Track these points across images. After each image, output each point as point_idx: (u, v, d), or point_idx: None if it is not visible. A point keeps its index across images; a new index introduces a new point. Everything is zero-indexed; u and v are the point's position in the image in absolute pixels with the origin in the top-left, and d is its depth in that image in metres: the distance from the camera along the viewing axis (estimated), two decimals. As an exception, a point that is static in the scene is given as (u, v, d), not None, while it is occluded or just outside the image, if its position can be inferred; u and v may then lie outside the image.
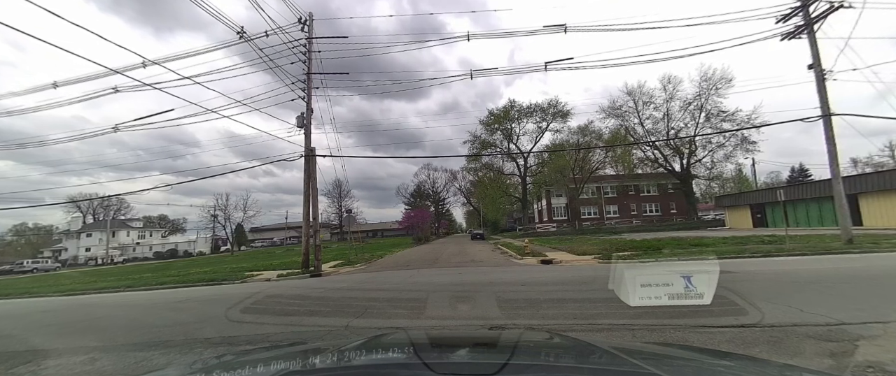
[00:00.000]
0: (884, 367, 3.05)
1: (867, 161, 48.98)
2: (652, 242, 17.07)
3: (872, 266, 8.94)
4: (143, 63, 12.05)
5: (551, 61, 16.69)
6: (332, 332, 5.36)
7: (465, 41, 18.00)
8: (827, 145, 13.89)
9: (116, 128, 16.44)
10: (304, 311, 7.13)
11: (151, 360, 4.52)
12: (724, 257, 11.37)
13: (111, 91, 15.40)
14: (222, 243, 73.75)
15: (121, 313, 8.89)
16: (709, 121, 38.07)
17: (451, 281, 10.38)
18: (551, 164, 41.67)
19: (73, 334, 6.60)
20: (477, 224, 61.60)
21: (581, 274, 10.14)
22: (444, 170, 68.24)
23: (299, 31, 16.17)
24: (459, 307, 6.87)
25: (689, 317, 4.64)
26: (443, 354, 1.47)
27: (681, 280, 3.28)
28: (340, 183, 63.37)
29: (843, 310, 4.77)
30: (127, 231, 73.59)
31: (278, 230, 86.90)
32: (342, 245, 45.92)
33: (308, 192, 15.89)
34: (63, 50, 8.63)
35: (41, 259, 57.57)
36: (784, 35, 14.45)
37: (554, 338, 1.97)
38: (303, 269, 15.11)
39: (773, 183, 56.56)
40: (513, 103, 42.31)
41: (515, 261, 15.61)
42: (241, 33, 13.98)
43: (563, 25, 15.34)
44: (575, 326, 4.94)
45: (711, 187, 47.55)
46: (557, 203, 53.44)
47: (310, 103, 16.34)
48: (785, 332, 4.12)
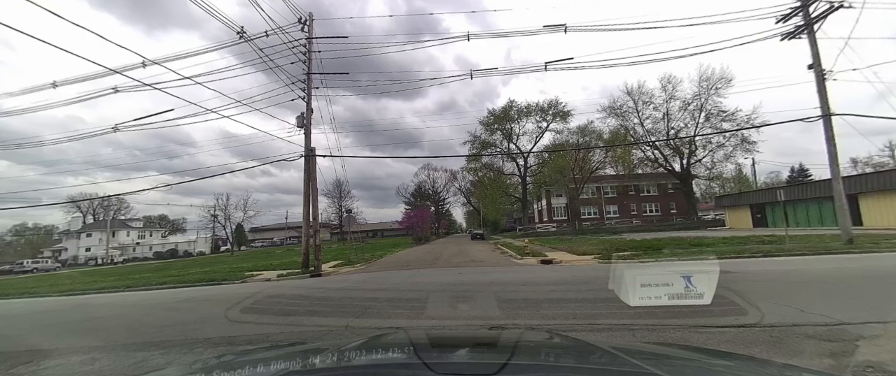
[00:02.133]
0: (884, 367, 3.05)
1: (867, 161, 48.99)
2: (652, 242, 17.07)
3: (872, 266, 8.94)
4: (142, 63, 12.04)
5: (551, 61, 16.70)
6: (332, 332, 5.36)
7: (464, 41, 17.99)
8: (827, 145, 13.89)
9: (116, 128, 16.44)
10: (304, 311, 7.13)
11: (151, 360, 4.52)
12: (724, 257, 11.37)
13: (111, 91, 15.41)
14: (222, 243, 73.78)
15: (121, 313, 8.89)
16: (709, 121, 38.10)
17: (451, 281, 10.38)
18: (551, 164, 41.67)
19: (72, 334, 6.60)
20: (477, 224, 61.55)
21: (581, 274, 10.14)
22: (443, 170, 68.33)
23: (299, 31, 16.18)
24: (459, 307, 6.87)
25: (689, 317, 4.64)
26: (443, 354, 1.47)
27: (681, 280, 3.28)
28: (340, 183, 63.30)
29: (844, 310, 4.77)
30: (127, 231, 73.61)
31: (278, 230, 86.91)
32: (342, 245, 45.91)
33: (308, 192, 15.89)
34: (63, 50, 8.62)
35: (41, 259, 57.55)
36: (784, 35, 14.45)
37: (554, 338, 1.97)
38: (303, 269, 15.10)
39: (773, 183, 56.56)
40: (512, 103, 42.35)
41: (515, 260, 15.61)
42: (241, 33, 13.98)
43: (562, 25, 15.34)
44: (575, 326, 4.94)
45: (711, 187, 47.54)
46: (557, 203, 53.44)
47: (310, 103, 16.35)
48: (785, 332, 4.12)
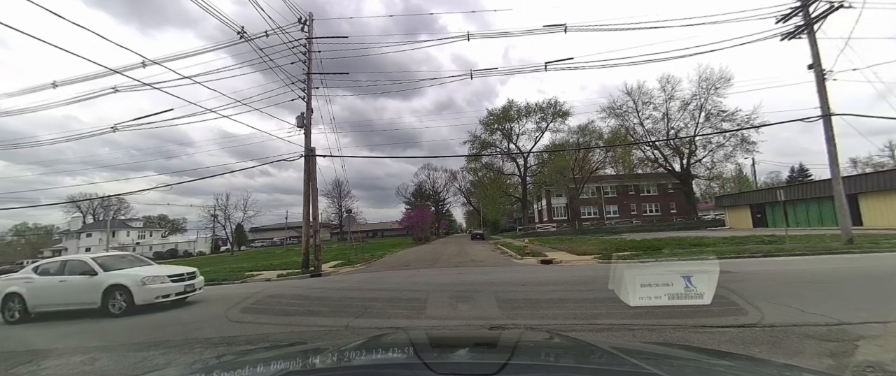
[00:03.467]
0: (884, 367, 3.05)
1: (867, 161, 48.87)
2: (652, 242, 17.06)
3: (872, 266, 8.94)
4: (142, 63, 12.04)
5: (551, 61, 16.69)
6: (332, 332, 5.36)
7: (463, 40, 18.00)
8: (827, 145, 13.89)
9: (115, 128, 16.44)
10: (304, 311, 7.14)
11: (151, 360, 4.52)
12: (724, 257, 11.37)
13: (111, 91, 15.40)
14: (222, 243, 73.72)
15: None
16: (708, 120, 38.07)
17: (451, 281, 10.38)
18: (551, 164, 41.66)
19: (72, 334, 6.60)
20: (477, 224, 61.53)
21: (581, 274, 10.14)
22: (443, 170, 68.25)
23: (299, 31, 16.17)
24: (459, 307, 6.87)
25: (689, 317, 4.64)
26: (443, 354, 1.47)
27: (681, 280, 3.28)
28: (340, 183, 63.27)
29: (843, 310, 4.77)
30: (127, 231, 73.59)
31: (278, 230, 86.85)
32: (342, 245, 45.88)
33: (308, 192, 15.89)
34: (63, 50, 8.62)
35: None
36: (784, 35, 14.45)
37: (554, 338, 1.97)
38: (303, 269, 15.10)
39: (772, 183, 56.52)
40: (512, 103, 42.42)
41: (515, 260, 15.61)
42: (241, 33, 13.97)
43: (563, 25, 15.34)
44: (575, 326, 4.94)
45: (711, 187, 47.54)
46: (557, 203, 53.44)
47: (310, 103, 16.35)
48: (785, 332, 4.12)
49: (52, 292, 8.50)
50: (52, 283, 8.57)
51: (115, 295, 8.14)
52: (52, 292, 8.50)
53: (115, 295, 8.15)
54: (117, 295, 8.14)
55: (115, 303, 8.10)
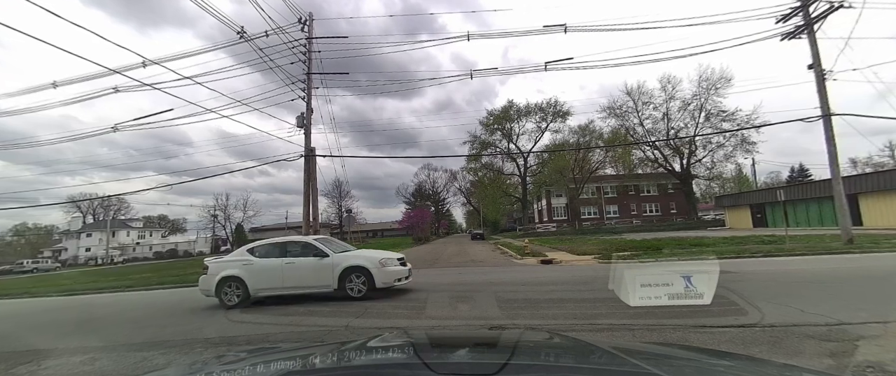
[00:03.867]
0: (884, 367, 3.05)
1: (867, 161, 48.85)
2: (652, 242, 17.06)
3: (872, 266, 8.95)
4: (143, 63, 12.03)
5: (551, 61, 16.67)
6: (332, 332, 5.37)
7: (463, 40, 17.99)
8: (827, 145, 13.88)
9: (115, 128, 16.42)
10: (304, 311, 7.13)
11: (151, 360, 4.52)
12: (724, 257, 11.37)
13: (111, 91, 15.39)
14: (222, 243, 73.71)
15: (121, 313, 8.90)
16: (708, 120, 38.10)
17: (452, 281, 10.38)
18: (551, 164, 41.69)
19: (73, 334, 6.60)
20: (477, 224, 61.56)
21: (581, 274, 10.14)
22: (443, 170, 68.19)
23: (299, 31, 16.16)
24: (459, 307, 6.88)
25: (689, 317, 4.64)
26: (443, 354, 1.47)
27: (681, 280, 3.29)
28: (340, 183, 63.25)
29: (844, 310, 4.77)
30: (127, 231, 73.58)
31: (278, 230, 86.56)
32: (342, 245, 45.79)
33: (308, 192, 15.88)
34: (62, 50, 8.62)
35: (41, 259, 57.46)
36: (784, 35, 14.44)
37: (554, 338, 1.96)
38: (303, 269, 15.07)
39: (772, 183, 56.50)
40: (512, 103, 42.47)
41: (515, 260, 15.61)
42: (241, 33, 13.96)
43: (563, 25, 15.32)
44: (575, 326, 4.94)
45: (711, 187, 47.56)
46: (557, 203, 53.43)
47: (310, 103, 16.33)
48: (785, 332, 4.12)
49: (278, 274, 7.98)
50: (276, 265, 8.04)
51: (352, 278, 7.80)
52: (276, 275, 7.98)
53: (352, 277, 7.80)
54: (354, 277, 7.80)
55: (352, 287, 7.76)
